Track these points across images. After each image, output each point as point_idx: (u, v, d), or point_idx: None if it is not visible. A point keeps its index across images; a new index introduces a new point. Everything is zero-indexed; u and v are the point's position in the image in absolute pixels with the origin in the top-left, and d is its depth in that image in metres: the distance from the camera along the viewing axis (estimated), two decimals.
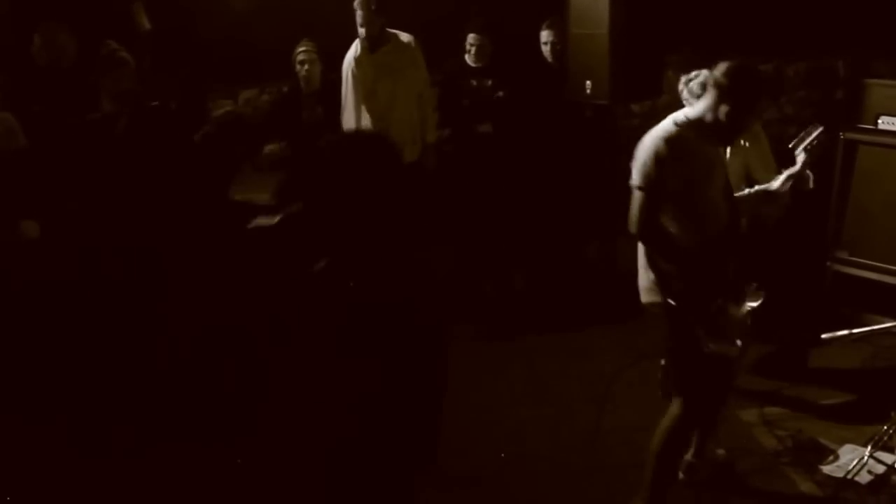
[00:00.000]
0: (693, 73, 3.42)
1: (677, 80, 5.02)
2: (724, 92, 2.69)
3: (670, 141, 2.72)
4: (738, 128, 2.77)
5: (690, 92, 3.39)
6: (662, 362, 3.03)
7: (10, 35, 4.45)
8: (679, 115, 2.82)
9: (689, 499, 3.10)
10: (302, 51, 4.65)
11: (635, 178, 2.73)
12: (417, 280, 2.08)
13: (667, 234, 2.75)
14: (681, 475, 3.12)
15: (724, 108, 2.69)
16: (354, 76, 4.45)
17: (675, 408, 2.85)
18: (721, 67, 2.73)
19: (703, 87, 3.42)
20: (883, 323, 4.16)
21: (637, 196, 2.73)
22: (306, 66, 4.63)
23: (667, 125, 2.80)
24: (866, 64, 5.23)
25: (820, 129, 3.29)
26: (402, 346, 1.99)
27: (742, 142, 3.60)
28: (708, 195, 2.78)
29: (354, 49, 4.48)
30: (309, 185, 2.35)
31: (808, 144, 3.29)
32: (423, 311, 2.05)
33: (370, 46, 4.46)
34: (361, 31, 4.41)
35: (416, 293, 2.04)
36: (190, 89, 4.76)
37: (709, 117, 2.74)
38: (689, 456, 3.12)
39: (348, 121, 4.50)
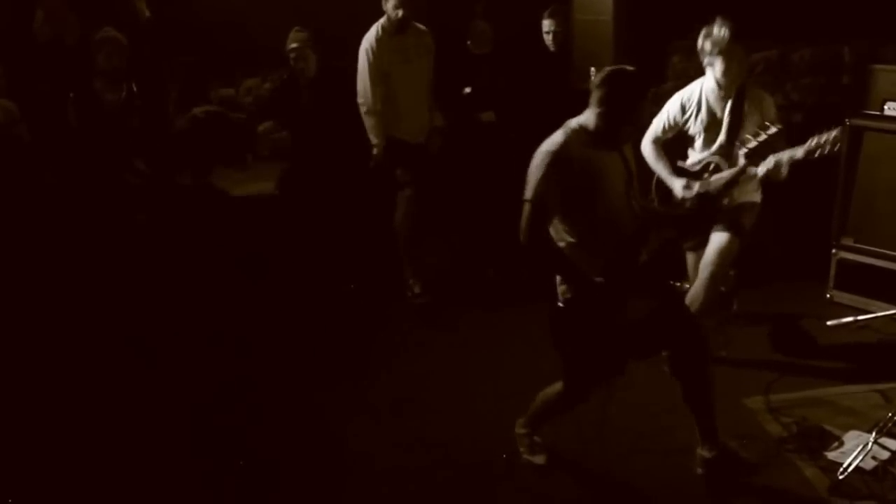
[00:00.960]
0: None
1: (682, 66, 5.04)
2: (600, 98, 2.74)
3: (557, 151, 2.77)
4: (616, 133, 2.79)
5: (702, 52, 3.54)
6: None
7: (8, 13, 4.43)
8: (572, 122, 2.86)
9: (693, 483, 3.11)
10: (293, 43, 4.64)
11: (526, 190, 2.80)
12: None
13: (551, 247, 2.85)
14: (699, 470, 3.10)
15: (599, 114, 2.74)
16: (370, 59, 4.45)
17: (558, 385, 3.04)
18: (599, 73, 2.80)
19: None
20: (888, 310, 4.15)
21: (525, 208, 2.81)
22: (300, 60, 4.63)
23: (557, 135, 2.83)
24: (872, 50, 5.19)
25: (835, 131, 3.32)
26: None
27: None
28: (601, 202, 2.80)
29: (374, 32, 4.48)
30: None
31: (815, 148, 3.34)
32: None
33: (394, 30, 4.46)
34: (398, 12, 4.39)
35: None
36: (191, 77, 4.77)
37: (591, 124, 2.78)
38: (704, 451, 3.09)
39: (363, 103, 4.51)
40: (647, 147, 3.81)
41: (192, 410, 3.64)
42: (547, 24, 4.83)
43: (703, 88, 3.68)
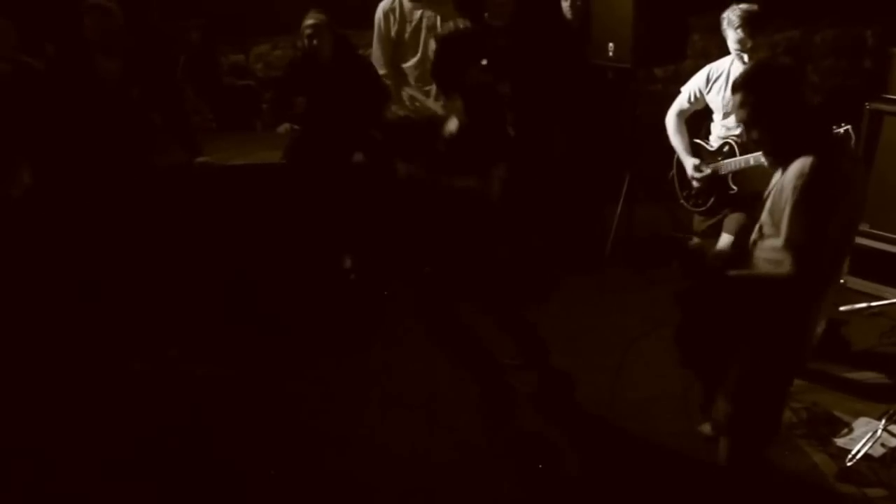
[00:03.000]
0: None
1: (703, 44, 4.95)
2: None
3: None
4: None
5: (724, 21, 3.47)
6: None
7: None
8: None
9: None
10: (308, 24, 4.36)
11: None
12: None
13: None
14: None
15: None
16: (386, 26, 4.40)
17: None
18: None
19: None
20: None
21: None
22: (315, 41, 4.40)
23: None
24: (895, 33, 5.10)
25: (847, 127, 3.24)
26: None
27: None
28: None
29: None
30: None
31: None
32: None
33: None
34: None
35: None
36: (204, 41, 4.67)
37: None
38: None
39: (385, 67, 4.47)
40: (670, 118, 3.74)
41: (191, 394, 3.58)
42: None
43: (732, 62, 3.59)
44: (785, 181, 2.34)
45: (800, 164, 2.30)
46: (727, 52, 3.85)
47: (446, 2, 4.51)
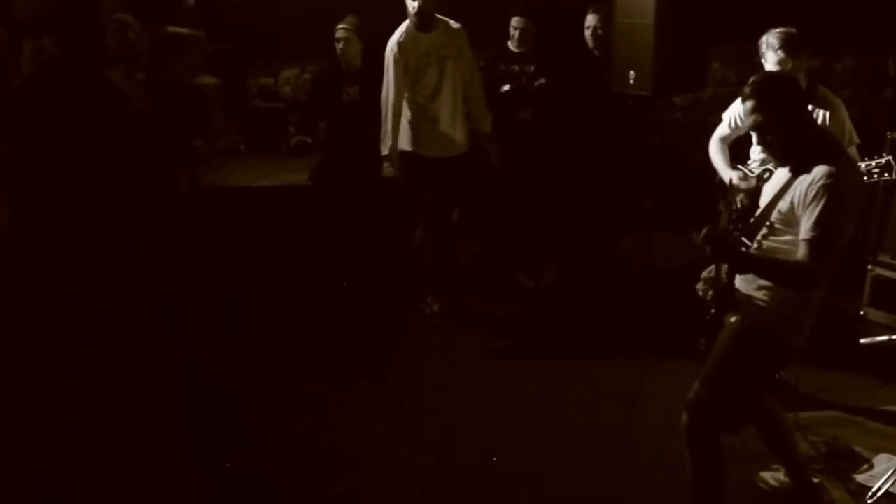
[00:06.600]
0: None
1: (722, 72, 4.96)
2: None
3: None
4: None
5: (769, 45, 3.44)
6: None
7: None
8: None
9: None
10: (341, 28, 4.57)
11: None
12: None
13: None
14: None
15: None
16: (396, 60, 4.25)
17: None
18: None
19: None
20: None
21: None
22: (341, 45, 4.56)
23: None
24: None
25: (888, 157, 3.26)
26: None
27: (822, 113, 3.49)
28: None
29: (400, 33, 4.29)
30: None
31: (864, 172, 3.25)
32: None
33: (420, 26, 4.26)
34: (413, 4, 4.19)
35: None
36: (232, 66, 4.74)
37: None
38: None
39: (390, 106, 4.30)
40: (712, 143, 3.72)
41: (200, 407, 3.61)
42: (590, 20, 4.75)
43: None
44: (805, 184, 2.49)
45: (823, 169, 2.47)
46: (746, 81, 3.86)
47: (458, 33, 4.40)
